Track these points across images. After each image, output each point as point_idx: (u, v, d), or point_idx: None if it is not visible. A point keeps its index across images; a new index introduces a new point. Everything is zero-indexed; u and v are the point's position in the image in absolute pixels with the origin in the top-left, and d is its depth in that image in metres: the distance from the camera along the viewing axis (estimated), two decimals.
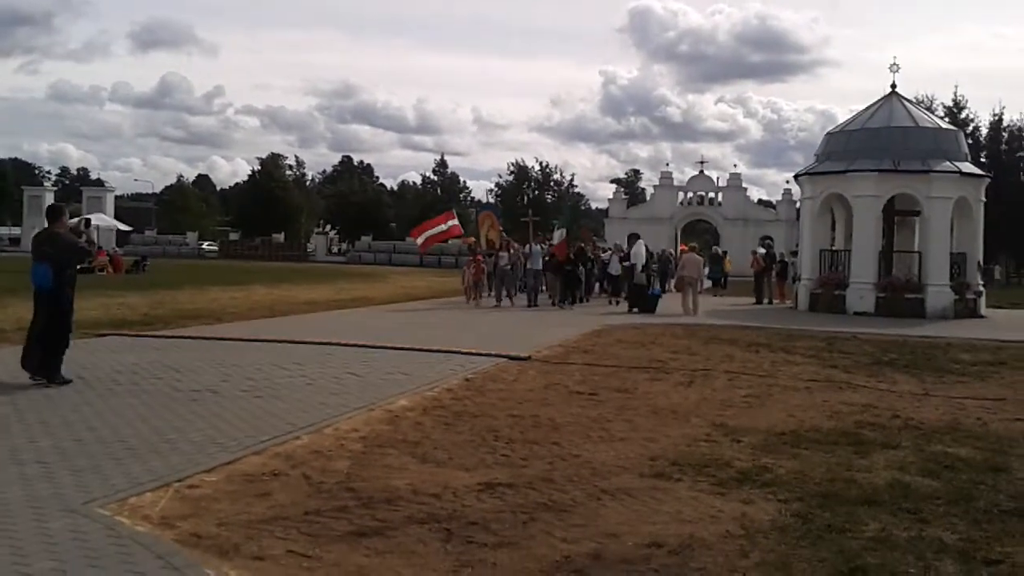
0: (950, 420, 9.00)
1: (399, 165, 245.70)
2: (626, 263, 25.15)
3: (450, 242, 39.47)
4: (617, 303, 24.91)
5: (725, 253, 38.16)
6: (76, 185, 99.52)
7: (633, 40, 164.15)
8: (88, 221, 15.97)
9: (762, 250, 30.20)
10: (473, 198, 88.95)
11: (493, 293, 24.97)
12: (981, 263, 24.76)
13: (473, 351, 13.19)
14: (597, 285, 28.04)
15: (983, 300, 23.56)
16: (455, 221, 27.86)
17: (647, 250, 26.14)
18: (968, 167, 23.54)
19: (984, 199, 24.10)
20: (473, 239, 29.59)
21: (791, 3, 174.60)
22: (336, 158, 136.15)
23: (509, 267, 24.85)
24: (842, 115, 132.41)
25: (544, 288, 25.53)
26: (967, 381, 11.92)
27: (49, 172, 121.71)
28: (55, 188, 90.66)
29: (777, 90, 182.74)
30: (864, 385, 11.18)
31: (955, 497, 6.09)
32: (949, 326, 19.79)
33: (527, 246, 26.06)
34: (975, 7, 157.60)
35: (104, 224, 57.31)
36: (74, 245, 10.05)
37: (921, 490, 6.25)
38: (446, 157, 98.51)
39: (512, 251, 25.27)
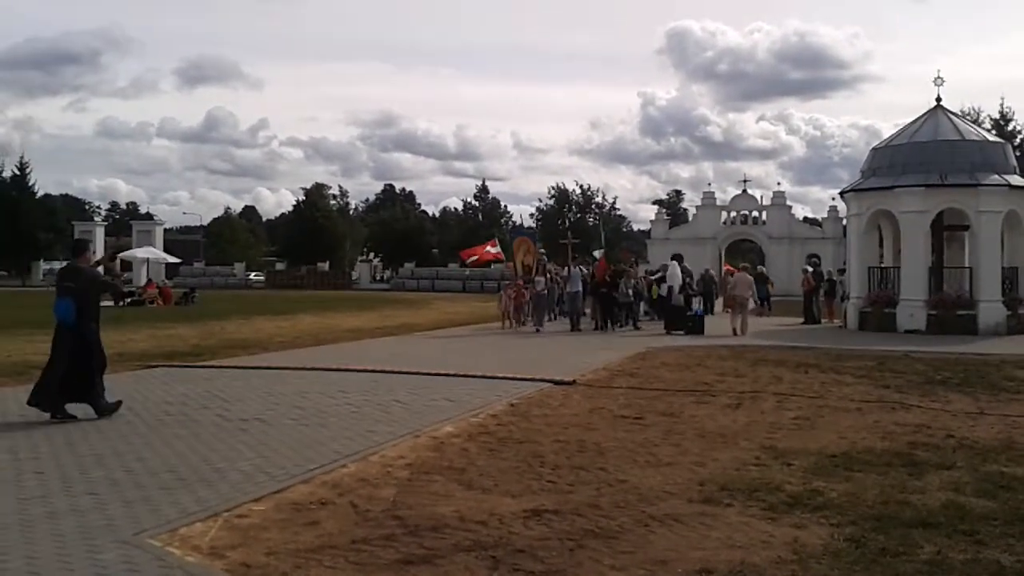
0: (1005, 439, 8.79)
1: (440, 192, 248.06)
2: (664, 284, 24.94)
3: (493, 266, 40.45)
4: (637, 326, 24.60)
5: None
6: (126, 219, 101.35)
7: (671, 61, 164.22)
8: (114, 254, 16.25)
9: (810, 268, 29.76)
10: (515, 222, 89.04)
11: (534, 318, 24.59)
12: None
13: (517, 376, 13.17)
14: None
15: None
16: (498, 248, 29.73)
17: (684, 271, 25.98)
18: (1017, 180, 23.06)
19: None
20: (511, 264, 29.80)
21: (831, 19, 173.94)
22: (378, 186, 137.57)
23: (545, 292, 24.64)
24: (886, 130, 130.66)
25: (587, 312, 25.26)
26: (1022, 399, 11.63)
27: (99, 207, 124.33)
28: (105, 223, 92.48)
29: (819, 106, 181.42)
30: (917, 405, 10.96)
31: (1012, 518, 5.94)
32: (1002, 342, 19.37)
33: (565, 269, 25.69)
34: (1017, 15, 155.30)
35: (153, 257, 58.19)
36: (96, 279, 10.12)
37: (977, 511, 6.10)
38: (487, 182, 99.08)
39: (548, 275, 25.10)
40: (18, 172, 77.63)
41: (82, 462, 7.47)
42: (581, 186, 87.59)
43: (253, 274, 75.15)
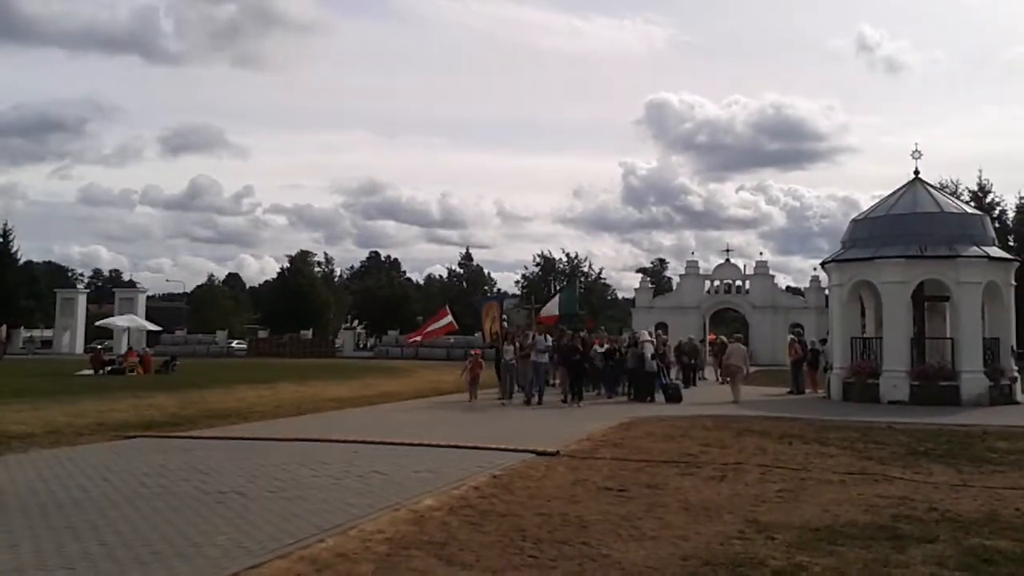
0: (988, 511, 8.76)
1: (425, 259, 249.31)
2: (635, 351, 24.46)
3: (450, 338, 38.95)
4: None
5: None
6: (108, 287, 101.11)
7: (651, 132, 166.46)
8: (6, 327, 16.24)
9: (795, 338, 29.85)
10: (499, 290, 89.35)
11: (523, 390, 23.09)
12: (1015, 348, 24.38)
13: (500, 447, 13.08)
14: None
15: (1018, 386, 23.10)
16: (450, 318, 28.22)
17: (658, 339, 25.96)
18: (996, 251, 23.40)
19: (1015, 283, 23.87)
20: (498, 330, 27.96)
21: (807, 91, 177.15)
22: (361, 253, 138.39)
23: (514, 361, 23.25)
24: (864, 201, 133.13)
25: (554, 382, 24.58)
26: (1005, 470, 11.62)
27: (82, 274, 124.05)
28: (88, 290, 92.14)
29: (797, 177, 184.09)
30: (900, 477, 10.93)
31: None
32: (985, 413, 19.41)
33: (531, 336, 24.25)
34: (991, 90, 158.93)
35: (135, 325, 57.81)
36: None
37: None
38: (471, 250, 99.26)
39: (517, 344, 23.69)
40: (1, 239, 77.51)
41: (57, 535, 7.34)
42: (567, 254, 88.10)
43: (235, 342, 74.76)
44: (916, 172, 24.75)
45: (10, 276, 74.01)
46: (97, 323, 63.54)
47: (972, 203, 45.31)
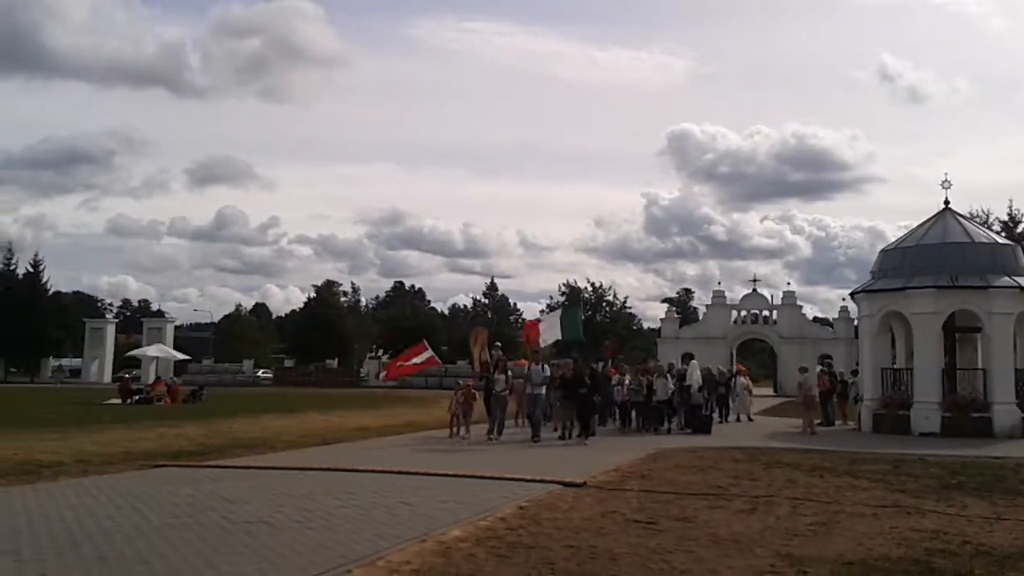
0: (1023, 545, 8.59)
1: (448, 289, 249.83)
2: (683, 384, 23.97)
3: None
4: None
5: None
6: (137, 317, 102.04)
7: (673, 163, 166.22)
8: None
9: (825, 369, 29.51)
10: (524, 319, 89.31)
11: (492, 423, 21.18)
12: None
13: (527, 478, 12.99)
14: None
15: None
16: (429, 352, 25.90)
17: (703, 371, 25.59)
18: None
19: None
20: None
21: (829, 122, 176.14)
22: (385, 283, 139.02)
23: (506, 391, 21.41)
24: (891, 231, 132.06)
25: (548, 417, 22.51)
26: None
27: (111, 304, 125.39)
28: (117, 319, 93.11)
29: (822, 207, 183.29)
30: (933, 510, 10.75)
31: None
32: (1018, 445, 19.08)
33: (527, 366, 22.28)
34: (1015, 120, 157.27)
35: (163, 355, 58.33)
36: None
37: None
38: (495, 280, 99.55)
39: (509, 374, 21.69)
40: (32, 270, 78.57)
41: (87, 565, 7.35)
42: (592, 284, 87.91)
43: (262, 371, 75.19)
44: (946, 202, 24.56)
45: (41, 306, 74.95)
46: (127, 353, 64.18)
47: (1003, 233, 44.94)
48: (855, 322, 38.42)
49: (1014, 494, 12.14)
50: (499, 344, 24.89)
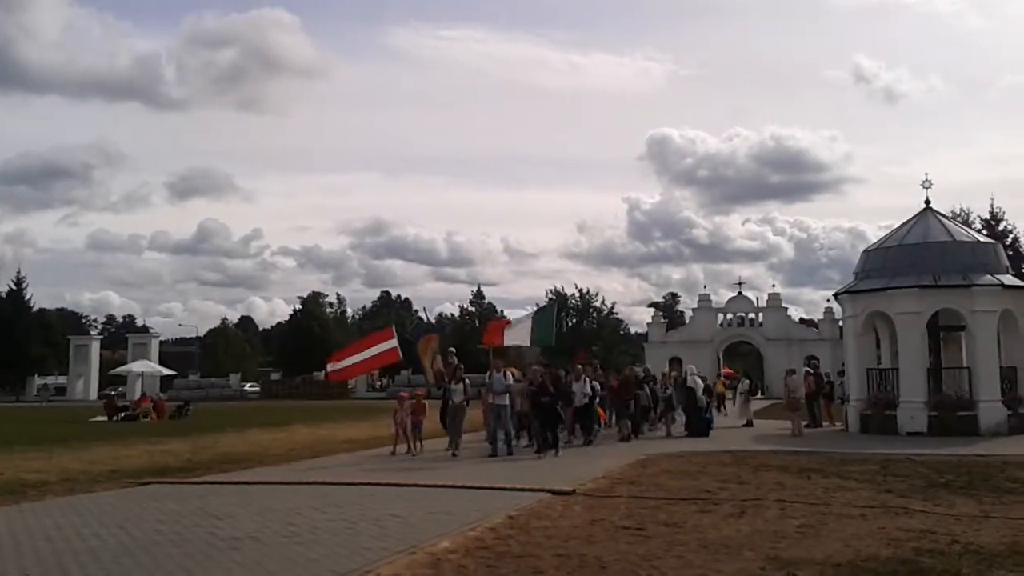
0: (1011, 543, 8.62)
1: (434, 298, 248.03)
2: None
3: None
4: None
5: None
6: (122, 332, 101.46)
7: (654, 167, 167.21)
8: None
9: (811, 371, 29.64)
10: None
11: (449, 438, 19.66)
12: None
13: (516, 487, 12.97)
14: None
15: None
16: (394, 342, 21.95)
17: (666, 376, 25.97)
18: (1010, 279, 23.27)
19: None
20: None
21: (807, 123, 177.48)
22: (371, 293, 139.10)
23: (465, 402, 19.95)
24: (872, 231, 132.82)
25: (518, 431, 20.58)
26: None
27: (95, 320, 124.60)
28: (101, 336, 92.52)
29: (803, 209, 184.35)
30: (921, 510, 10.78)
31: None
32: (1004, 443, 19.21)
33: (488, 373, 20.60)
34: (991, 117, 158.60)
35: (148, 370, 58.04)
36: None
37: None
38: (480, 288, 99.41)
39: (467, 382, 20.22)
40: (15, 287, 78.03)
41: None
42: (580, 290, 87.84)
43: (248, 385, 74.91)
44: (927, 201, 24.71)
45: (25, 324, 74.44)
46: (111, 371, 63.78)
47: (984, 231, 45.21)
48: (840, 323, 38.55)
49: (1001, 492, 12.19)
50: (453, 350, 22.42)
